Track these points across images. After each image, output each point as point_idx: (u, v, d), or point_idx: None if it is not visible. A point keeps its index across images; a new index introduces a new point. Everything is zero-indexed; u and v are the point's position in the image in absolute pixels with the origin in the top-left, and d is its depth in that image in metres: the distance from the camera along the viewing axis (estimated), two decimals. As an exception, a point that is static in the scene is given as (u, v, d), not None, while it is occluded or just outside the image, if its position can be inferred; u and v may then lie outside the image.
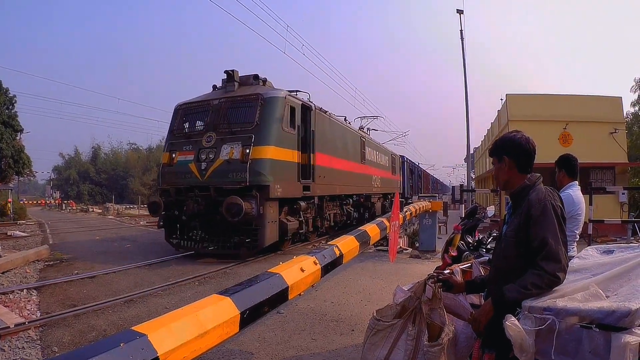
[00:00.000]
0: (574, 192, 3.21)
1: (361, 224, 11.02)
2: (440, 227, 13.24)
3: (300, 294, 2.66)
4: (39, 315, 5.10)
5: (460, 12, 17.32)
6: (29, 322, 4.64)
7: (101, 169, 55.76)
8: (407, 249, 10.45)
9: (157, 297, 5.93)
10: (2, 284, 6.60)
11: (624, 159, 17.53)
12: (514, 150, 2.03)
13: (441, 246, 6.58)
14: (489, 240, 4.33)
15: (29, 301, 5.66)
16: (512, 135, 2.07)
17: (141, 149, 61.31)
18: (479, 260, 3.31)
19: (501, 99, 23.15)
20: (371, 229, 4.82)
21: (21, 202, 31.02)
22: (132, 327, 1.52)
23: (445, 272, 2.61)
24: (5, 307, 5.24)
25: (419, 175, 34.82)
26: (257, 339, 4.19)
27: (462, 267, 3.08)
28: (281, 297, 2.33)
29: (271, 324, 4.61)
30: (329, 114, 11.79)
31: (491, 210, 5.93)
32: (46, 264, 8.48)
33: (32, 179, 41.55)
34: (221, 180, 8.52)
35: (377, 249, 9.71)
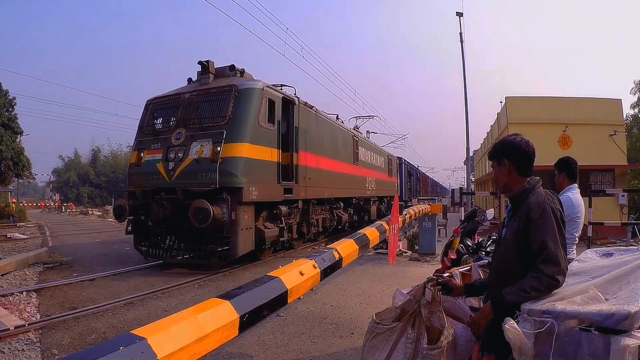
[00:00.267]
0: (573, 195, 3.22)
1: (354, 229, 10.90)
2: (439, 229, 13.25)
3: (299, 298, 2.66)
4: (38, 317, 5.08)
5: (459, 15, 17.37)
6: (28, 324, 4.63)
7: (101, 172, 55.69)
8: (406, 252, 10.43)
9: (157, 299, 5.93)
10: (2, 286, 6.59)
11: (624, 161, 17.55)
12: (514, 153, 2.03)
13: (441, 249, 6.58)
14: (489, 243, 4.33)
15: (29, 303, 5.65)
16: (512, 138, 2.08)
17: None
18: (479, 263, 3.32)
19: (501, 102, 23.19)
20: (370, 232, 4.84)
21: (21, 204, 31.02)
22: (132, 331, 1.53)
23: (444, 275, 2.62)
24: (5, 309, 5.23)
25: (417, 177, 34.23)
26: (257, 342, 4.18)
27: (461, 270, 3.08)
28: (281, 300, 2.33)
29: (271, 327, 4.60)
30: (315, 109, 10.81)
31: (490, 213, 5.94)
32: (46, 266, 8.46)
33: (31, 181, 41.63)
34: (189, 181, 7.58)
35: (377, 252, 9.70)
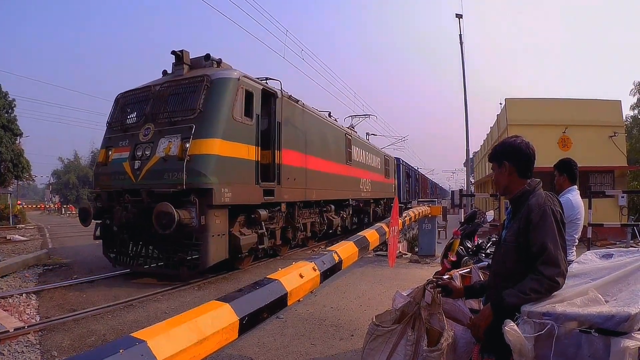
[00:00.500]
0: (573, 196, 3.21)
1: (350, 233, 10.64)
2: (439, 231, 13.23)
3: (299, 300, 2.66)
4: (38, 319, 5.08)
5: (459, 17, 17.39)
6: (28, 326, 4.64)
7: (101, 173, 55.68)
8: (406, 254, 10.43)
9: (157, 302, 5.92)
10: (2, 288, 6.59)
11: (623, 162, 17.57)
12: (514, 155, 2.04)
13: (440, 251, 6.58)
14: (488, 245, 4.33)
15: (29, 305, 5.65)
16: (512, 140, 2.08)
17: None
18: (478, 265, 3.32)
19: (500, 103, 23.22)
20: (370, 234, 4.83)
21: (20, 206, 31.04)
22: (132, 334, 1.53)
23: (444, 277, 2.62)
24: (4, 311, 5.24)
25: (416, 179, 33.53)
26: (257, 343, 4.18)
27: (461, 272, 3.08)
28: (280, 303, 2.33)
29: (270, 329, 4.60)
30: (301, 103, 9.99)
31: (490, 214, 5.94)
32: (45, 268, 8.47)
33: (31, 183, 41.58)
34: (155, 182, 6.89)
35: (377, 254, 9.69)
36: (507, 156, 2.05)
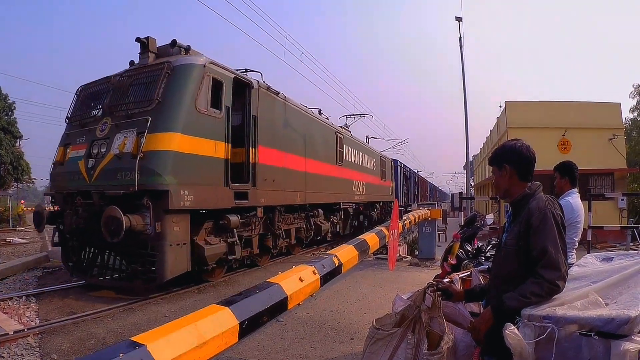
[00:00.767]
0: (573, 199, 3.21)
1: (344, 239, 10.30)
2: (439, 234, 13.22)
3: (299, 304, 2.66)
4: (37, 322, 5.07)
5: (459, 20, 17.42)
6: (28, 329, 4.63)
7: (101, 176, 55.62)
8: (406, 257, 10.42)
9: (157, 305, 5.91)
10: (1, 291, 6.59)
11: (623, 165, 17.60)
12: (515, 158, 2.04)
13: (440, 254, 6.58)
14: (488, 248, 4.34)
15: (28, 308, 5.63)
16: (512, 143, 2.09)
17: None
18: (478, 268, 3.32)
19: (500, 106, 23.28)
20: (370, 237, 4.83)
21: (23, 205, 31.12)
22: (131, 337, 1.52)
23: (444, 280, 2.62)
24: (4, 313, 5.22)
25: (414, 181, 32.62)
26: (257, 347, 4.17)
27: (461, 275, 3.08)
28: (280, 307, 2.32)
29: (270, 333, 4.59)
30: (283, 96, 8.91)
31: (490, 218, 5.96)
32: (45, 271, 8.46)
33: (31, 185, 41.52)
34: (108, 182, 6.04)
35: (377, 257, 9.68)
36: (508, 159, 2.05)
